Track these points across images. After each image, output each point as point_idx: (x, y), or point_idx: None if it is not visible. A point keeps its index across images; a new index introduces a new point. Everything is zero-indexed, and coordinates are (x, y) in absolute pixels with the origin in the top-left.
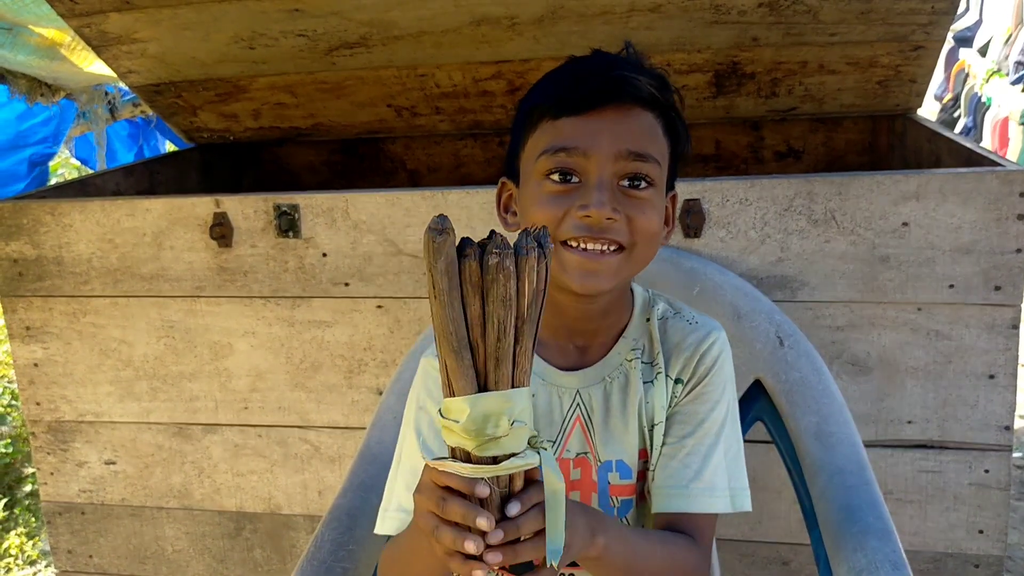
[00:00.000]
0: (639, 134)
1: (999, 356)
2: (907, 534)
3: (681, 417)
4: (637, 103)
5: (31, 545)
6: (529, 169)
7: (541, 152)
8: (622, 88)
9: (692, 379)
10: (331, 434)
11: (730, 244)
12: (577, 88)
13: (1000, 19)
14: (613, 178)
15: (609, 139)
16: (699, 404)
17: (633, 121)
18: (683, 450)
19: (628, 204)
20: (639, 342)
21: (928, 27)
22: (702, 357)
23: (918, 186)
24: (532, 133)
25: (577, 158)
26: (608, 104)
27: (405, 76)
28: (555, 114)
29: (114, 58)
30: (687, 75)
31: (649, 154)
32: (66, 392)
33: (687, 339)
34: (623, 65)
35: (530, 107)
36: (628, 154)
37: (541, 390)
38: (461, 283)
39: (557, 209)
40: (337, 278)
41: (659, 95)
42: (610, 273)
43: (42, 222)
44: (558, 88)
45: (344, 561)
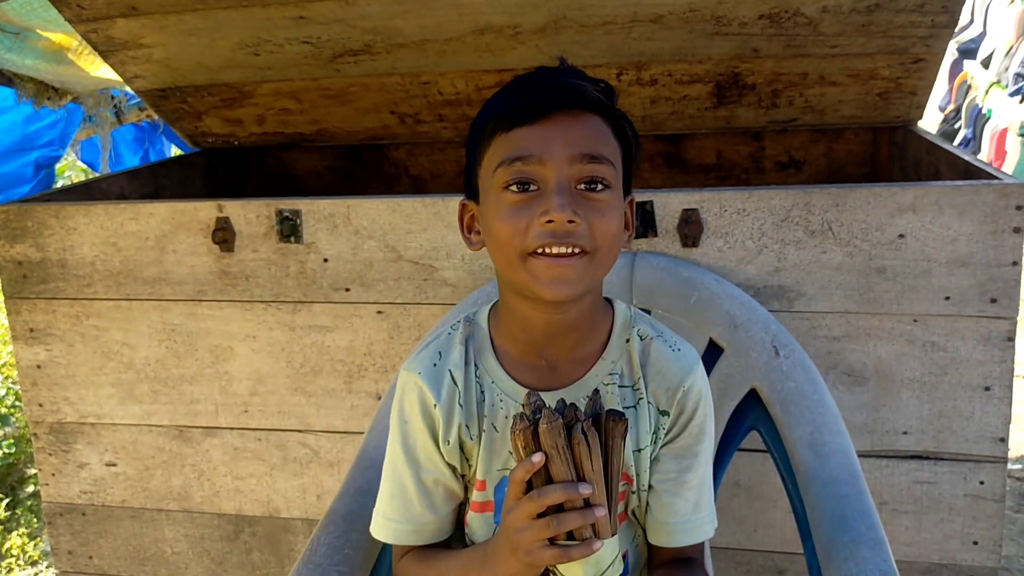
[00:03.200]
0: (591, 137)
1: (995, 368)
2: (902, 545)
3: (678, 452)
4: (586, 108)
5: (32, 546)
6: (488, 184)
7: (498, 164)
8: (571, 94)
9: (681, 414)
10: (330, 438)
11: (727, 254)
12: (527, 98)
13: (1004, 32)
14: (570, 181)
15: (563, 144)
16: (692, 439)
17: (584, 125)
18: (681, 485)
19: (588, 207)
20: (617, 365)
21: (928, 40)
22: (687, 392)
23: (915, 198)
24: (487, 148)
25: (534, 166)
26: (559, 110)
27: (409, 83)
28: (508, 126)
29: (120, 63)
30: (688, 85)
31: (603, 155)
32: (68, 394)
33: (670, 368)
34: (569, 74)
35: (483, 123)
36: (583, 157)
37: (513, 410)
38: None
39: (520, 221)
40: (338, 283)
41: (607, 100)
42: (577, 277)
43: (47, 225)
44: (509, 101)
45: (340, 565)
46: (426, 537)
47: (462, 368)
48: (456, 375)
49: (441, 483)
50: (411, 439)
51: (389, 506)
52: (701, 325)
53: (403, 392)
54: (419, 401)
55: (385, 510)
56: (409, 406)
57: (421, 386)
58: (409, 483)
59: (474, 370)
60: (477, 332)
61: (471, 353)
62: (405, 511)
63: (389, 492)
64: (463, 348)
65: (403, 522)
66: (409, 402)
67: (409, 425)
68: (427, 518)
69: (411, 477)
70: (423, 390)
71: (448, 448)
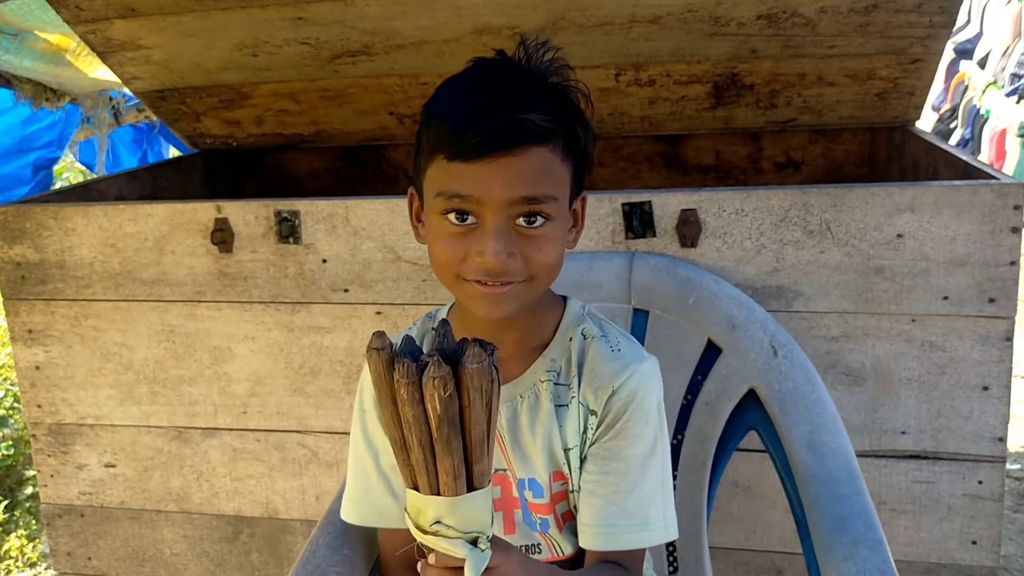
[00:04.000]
0: (532, 177)
1: (993, 368)
2: (900, 544)
3: (602, 453)
4: (529, 143)
5: (31, 547)
6: (429, 200)
7: (437, 193)
8: (513, 133)
9: (608, 415)
10: (329, 439)
11: (726, 254)
12: (468, 134)
13: (1000, 32)
14: (508, 220)
15: (502, 187)
16: (620, 440)
17: (526, 165)
18: (605, 487)
19: (525, 244)
20: (556, 363)
21: (926, 40)
22: (616, 392)
23: (913, 198)
24: (429, 164)
25: (472, 204)
26: (498, 151)
27: (407, 84)
28: (448, 156)
29: (119, 64)
30: (686, 86)
31: (544, 195)
32: (67, 395)
33: (602, 368)
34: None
35: (428, 128)
36: (522, 199)
37: None
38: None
39: (457, 250)
40: (337, 284)
41: (554, 126)
42: (511, 300)
43: (45, 226)
44: (452, 123)
45: (339, 566)
46: (388, 522)
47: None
48: None
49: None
50: (368, 426)
51: (353, 489)
52: (699, 325)
53: (362, 382)
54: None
55: (349, 492)
56: (367, 395)
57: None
58: (370, 468)
59: None
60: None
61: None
62: (367, 494)
63: (353, 476)
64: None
65: (366, 504)
66: (367, 391)
67: (367, 414)
68: (387, 502)
69: (371, 463)
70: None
71: None
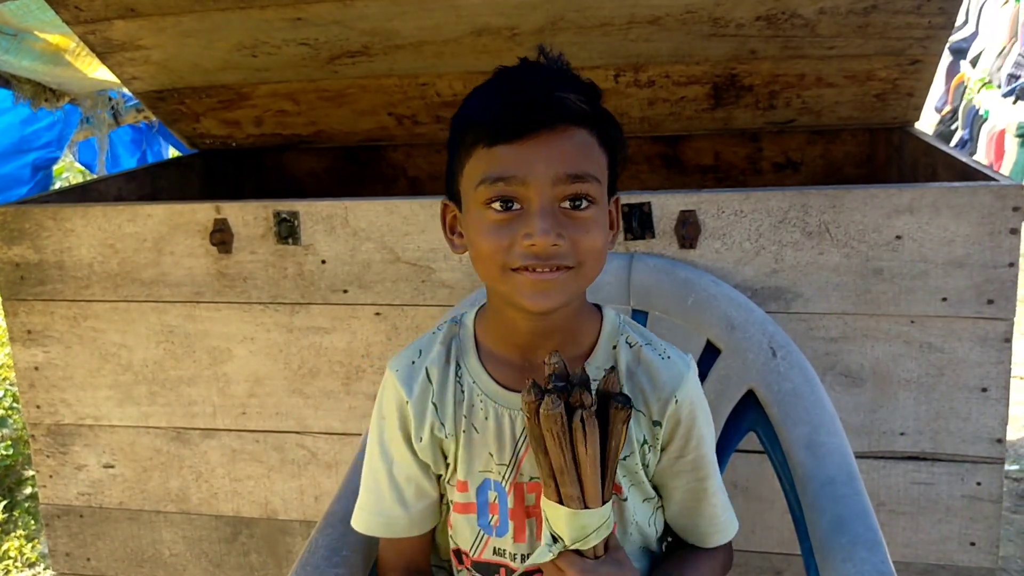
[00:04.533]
0: (575, 155)
1: (991, 369)
2: (899, 546)
3: (687, 464)
4: (570, 123)
5: (30, 548)
6: (469, 197)
7: (479, 181)
8: (554, 110)
9: (679, 425)
10: (328, 440)
11: (725, 255)
12: (509, 113)
13: (996, 32)
14: (554, 202)
15: (546, 164)
16: (700, 448)
17: (568, 142)
18: (701, 491)
19: (571, 226)
20: (602, 371)
21: (925, 41)
22: (679, 401)
23: (912, 200)
24: (468, 160)
25: (516, 186)
26: (541, 128)
27: (406, 85)
28: (489, 142)
29: (118, 64)
30: (685, 87)
31: (587, 173)
32: (66, 395)
33: (661, 377)
34: (552, 81)
35: (463, 129)
36: (566, 177)
37: (493, 412)
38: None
39: (502, 239)
40: (336, 285)
41: (590, 109)
42: (560, 290)
43: (44, 227)
44: (489, 112)
45: (338, 567)
46: (396, 531)
47: (440, 366)
48: (432, 373)
49: (413, 480)
50: (386, 435)
51: (364, 497)
52: (698, 326)
53: (383, 389)
54: (395, 399)
55: (361, 501)
56: (386, 403)
57: (396, 384)
58: (382, 477)
59: (455, 369)
60: (463, 332)
61: (453, 352)
62: (377, 503)
63: (365, 484)
64: (444, 348)
65: (375, 514)
66: (387, 399)
67: (385, 421)
68: (397, 512)
69: (384, 472)
70: (397, 388)
71: (421, 446)
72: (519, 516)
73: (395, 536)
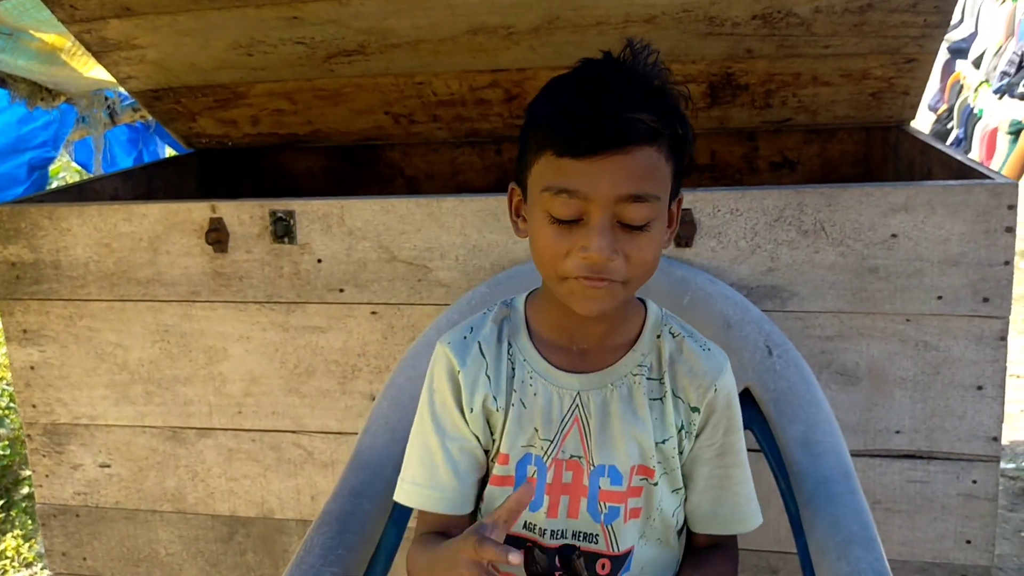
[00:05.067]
0: (639, 176)
1: (987, 367)
2: (895, 544)
3: (717, 450)
4: (638, 143)
5: (27, 548)
6: (534, 196)
7: (544, 187)
8: (624, 132)
9: (714, 413)
10: (324, 439)
11: (721, 254)
12: (580, 132)
13: (994, 31)
14: (613, 219)
15: (609, 184)
16: (731, 436)
17: (632, 163)
18: (727, 479)
19: (627, 242)
20: (647, 358)
21: (921, 40)
22: (718, 390)
23: (907, 198)
24: (536, 160)
25: (579, 200)
26: (609, 149)
27: (403, 84)
28: (557, 152)
29: (114, 64)
30: (681, 86)
31: (648, 194)
32: (62, 395)
33: (701, 366)
34: (629, 95)
35: (535, 129)
36: (628, 197)
37: (542, 389)
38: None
39: (560, 246)
40: (332, 284)
41: (661, 127)
42: (611, 299)
43: (40, 226)
44: (562, 122)
45: (333, 566)
46: (450, 505)
47: (493, 344)
48: (485, 348)
49: (467, 450)
50: (438, 407)
51: (418, 472)
52: (694, 325)
53: (434, 364)
54: (446, 370)
55: (413, 476)
56: (438, 375)
57: (448, 354)
58: (437, 450)
59: (507, 348)
60: (514, 315)
61: (505, 332)
62: (432, 477)
63: (418, 458)
64: (496, 327)
65: (430, 488)
66: (438, 372)
67: (437, 394)
68: (453, 484)
69: (439, 444)
70: (450, 358)
71: (472, 415)
72: (555, 492)
73: (450, 512)
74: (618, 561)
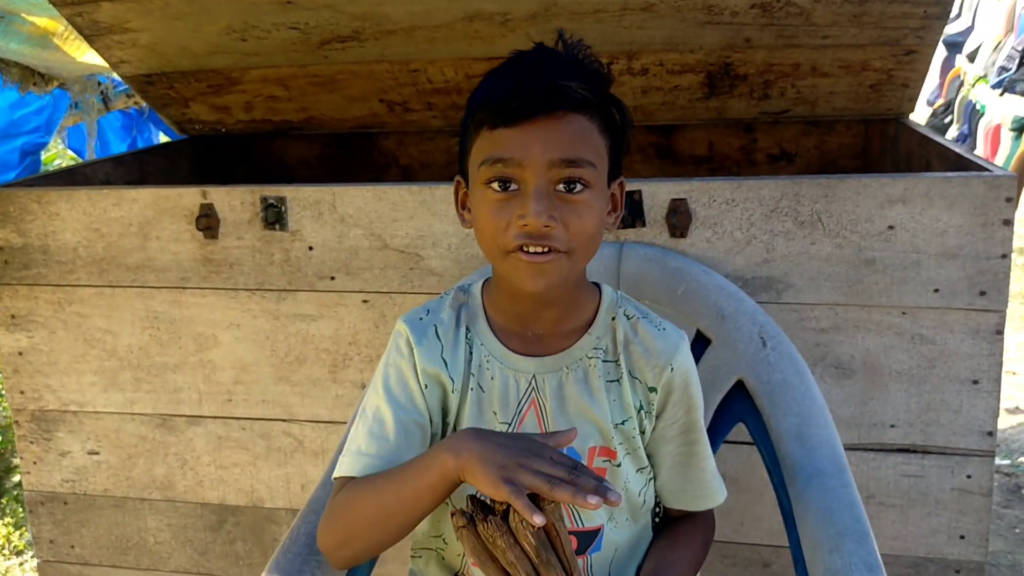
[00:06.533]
0: (571, 141)
1: (983, 361)
2: (888, 538)
3: (679, 428)
4: (569, 109)
5: (18, 536)
6: (474, 176)
7: (481, 162)
8: (553, 97)
9: (672, 392)
10: (315, 428)
11: (716, 245)
12: (511, 99)
13: (992, 26)
14: (549, 184)
15: (541, 148)
16: (691, 414)
17: (564, 128)
18: (691, 456)
19: (564, 209)
20: (602, 341)
21: (920, 31)
22: (675, 369)
23: (904, 189)
24: (474, 140)
25: (513, 168)
26: (540, 114)
27: (398, 71)
28: (491, 124)
29: (106, 47)
30: (679, 75)
31: (582, 158)
32: (50, 381)
33: (656, 346)
34: (558, 68)
35: (471, 112)
36: (560, 162)
37: (499, 373)
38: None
39: (500, 219)
40: (323, 272)
41: (592, 96)
42: (555, 273)
43: (29, 210)
44: (494, 96)
45: (318, 555)
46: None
47: (451, 329)
48: (441, 332)
49: (419, 425)
50: (393, 381)
51: (366, 442)
52: (688, 316)
53: (392, 340)
54: (404, 345)
55: (360, 446)
56: (395, 351)
57: (405, 331)
58: (389, 421)
59: (465, 332)
60: (471, 300)
61: (463, 317)
62: (380, 447)
63: (367, 431)
64: (454, 312)
65: (377, 458)
66: (396, 347)
67: (392, 367)
68: (402, 457)
69: (391, 416)
70: (406, 334)
71: (428, 392)
72: None
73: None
74: (585, 538)
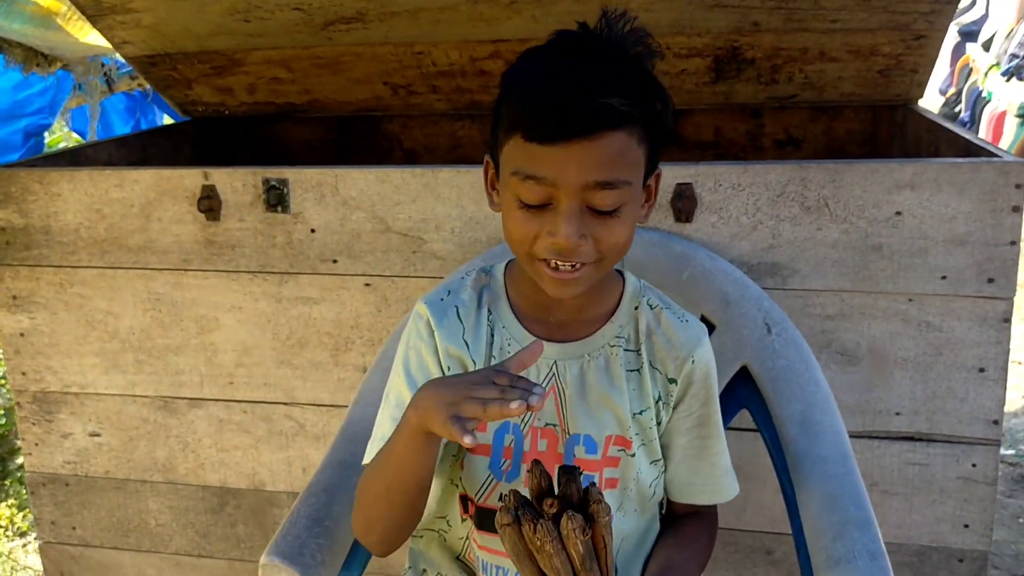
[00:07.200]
0: (608, 162)
1: (990, 349)
2: (892, 526)
3: (695, 420)
4: (609, 127)
5: (21, 517)
6: (505, 177)
7: (513, 171)
8: (593, 118)
9: (692, 385)
10: (316, 411)
11: (721, 229)
12: (549, 117)
13: (1005, 14)
14: (581, 204)
15: (576, 171)
16: (708, 407)
17: (603, 150)
18: (705, 450)
19: (596, 225)
20: (625, 330)
21: (930, 16)
22: (696, 361)
23: (913, 175)
24: (507, 140)
25: (547, 187)
26: (577, 136)
27: (402, 53)
28: (526, 135)
29: (109, 28)
30: (686, 59)
31: (618, 180)
32: (51, 363)
33: (679, 337)
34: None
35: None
36: (596, 184)
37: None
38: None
39: (529, 229)
40: (325, 255)
41: (633, 109)
42: (581, 282)
43: (31, 191)
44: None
45: (319, 537)
46: None
47: (471, 310)
48: (462, 313)
49: None
50: (413, 365)
51: (389, 428)
52: (693, 301)
53: (411, 321)
54: (424, 328)
55: (385, 432)
56: (415, 333)
57: (425, 313)
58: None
59: (487, 314)
60: (493, 283)
61: (484, 299)
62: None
63: (390, 417)
64: (475, 293)
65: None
66: (416, 330)
67: (413, 351)
68: None
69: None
70: (427, 316)
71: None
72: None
73: None
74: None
